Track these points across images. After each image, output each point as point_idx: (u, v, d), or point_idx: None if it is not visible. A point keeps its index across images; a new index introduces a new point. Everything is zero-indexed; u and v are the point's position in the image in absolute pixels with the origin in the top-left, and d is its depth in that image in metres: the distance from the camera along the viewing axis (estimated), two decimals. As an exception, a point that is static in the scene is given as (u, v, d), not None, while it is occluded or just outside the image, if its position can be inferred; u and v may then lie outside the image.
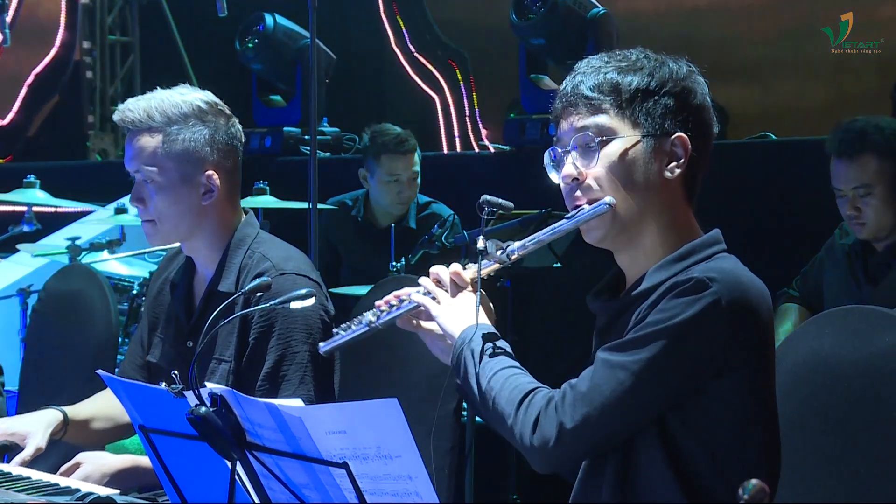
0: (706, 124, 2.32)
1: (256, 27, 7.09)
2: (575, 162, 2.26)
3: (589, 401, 2.14)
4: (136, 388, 2.31)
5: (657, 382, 2.14)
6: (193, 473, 2.26)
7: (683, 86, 2.27)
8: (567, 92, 2.29)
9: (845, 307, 2.61)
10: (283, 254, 3.04)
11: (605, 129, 2.25)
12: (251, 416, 2.05)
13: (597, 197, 2.24)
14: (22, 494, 2.61)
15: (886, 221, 3.83)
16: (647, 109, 2.25)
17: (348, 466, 1.94)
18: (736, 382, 2.15)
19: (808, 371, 2.51)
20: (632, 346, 2.15)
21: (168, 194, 2.99)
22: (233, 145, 3.06)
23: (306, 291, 2.45)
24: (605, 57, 2.30)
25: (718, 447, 2.16)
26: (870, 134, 3.84)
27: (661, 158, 2.25)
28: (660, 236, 2.26)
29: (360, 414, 1.95)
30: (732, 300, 2.12)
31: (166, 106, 2.99)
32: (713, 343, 2.12)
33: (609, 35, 6.15)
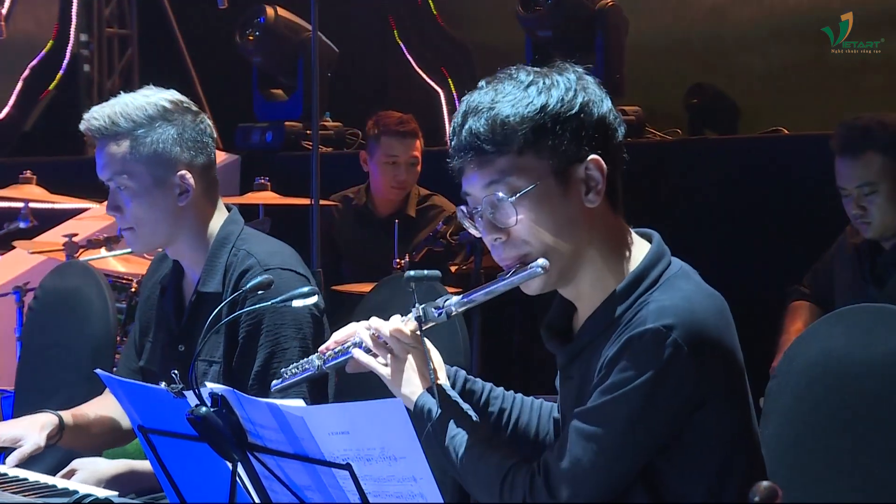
0: (612, 130, 2.23)
1: (257, 19, 7.09)
2: (492, 220, 2.20)
3: (572, 477, 2.13)
4: (136, 387, 2.31)
5: (636, 443, 2.13)
6: (194, 475, 2.27)
7: (580, 103, 2.18)
8: (462, 145, 2.19)
9: (858, 305, 2.61)
10: (269, 249, 3.03)
11: (513, 183, 2.16)
12: (252, 416, 2.05)
13: (525, 252, 2.19)
14: (19, 496, 2.62)
15: (892, 219, 3.83)
16: (552, 144, 2.16)
17: (352, 468, 1.95)
18: (712, 410, 2.14)
19: (820, 370, 2.51)
20: (603, 413, 2.12)
21: (143, 199, 2.98)
22: (203, 142, 3.05)
23: (308, 289, 2.45)
24: (490, 92, 2.19)
25: (707, 475, 2.16)
26: (873, 131, 3.84)
27: (579, 189, 2.19)
28: (600, 268, 2.22)
29: (363, 414, 1.96)
30: (693, 342, 2.09)
31: (130, 110, 2.98)
32: (684, 388, 2.11)
33: (617, 27, 6.15)
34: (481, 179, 2.19)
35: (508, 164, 2.16)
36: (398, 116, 5.63)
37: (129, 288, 4.82)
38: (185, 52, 8.48)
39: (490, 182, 2.18)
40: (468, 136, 2.17)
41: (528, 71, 2.22)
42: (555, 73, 2.21)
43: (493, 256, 2.26)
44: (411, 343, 2.28)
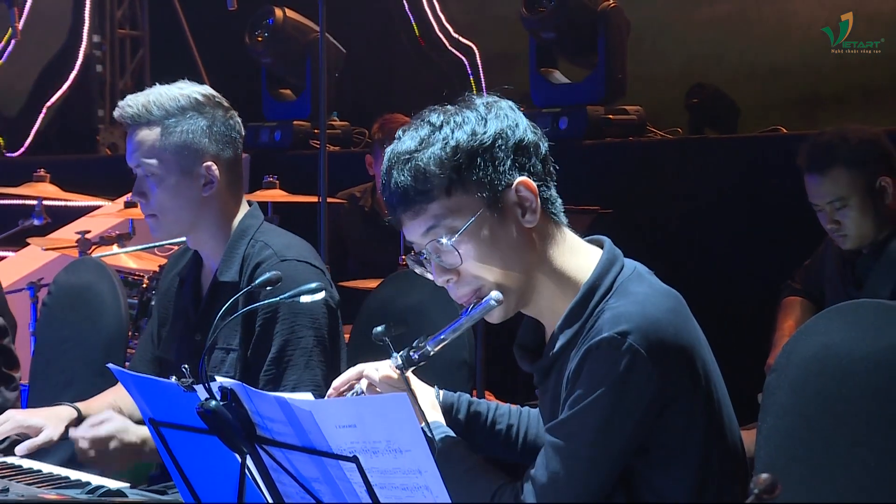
0: (533, 148, 2.22)
1: (266, 21, 7.10)
2: (439, 262, 2.21)
3: (553, 491, 2.14)
4: (147, 381, 2.31)
5: (607, 449, 2.13)
6: (203, 467, 2.27)
7: (493, 132, 2.18)
8: (393, 199, 2.21)
9: (855, 301, 2.60)
10: (285, 241, 3.06)
11: (449, 224, 2.17)
12: (261, 409, 2.05)
13: (478, 287, 2.21)
14: (34, 487, 2.62)
15: (867, 229, 3.82)
16: (476, 179, 2.17)
17: (358, 460, 1.95)
18: (680, 409, 2.15)
19: (818, 365, 2.50)
20: (572, 424, 2.13)
21: (168, 186, 3.01)
22: (231, 136, 3.08)
23: (316, 285, 2.45)
24: (408, 141, 2.20)
25: (686, 472, 2.16)
26: (836, 147, 3.82)
27: (514, 213, 2.20)
28: (554, 283, 2.23)
29: (369, 408, 1.96)
30: (650, 345, 2.09)
31: (164, 100, 3.01)
32: (647, 392, 2.11)
33: (618, 28, 6.15)
34: (419, 228, 2.21)
35: (440, 208, 2.18)
36: (403, 122, 5.62)
37: (141, 284, 4.82)
38: (196, 53, 8.48)
39: (428, 229, 2.20)
40: (396, 190, 2.20)
41: (438, 112, 2.23)
42: (465, 109, 2.21)
43: (452, 296, 2.27)
44: (400, 387, 2.30)
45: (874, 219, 3.81)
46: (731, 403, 2.29)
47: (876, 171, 3.80)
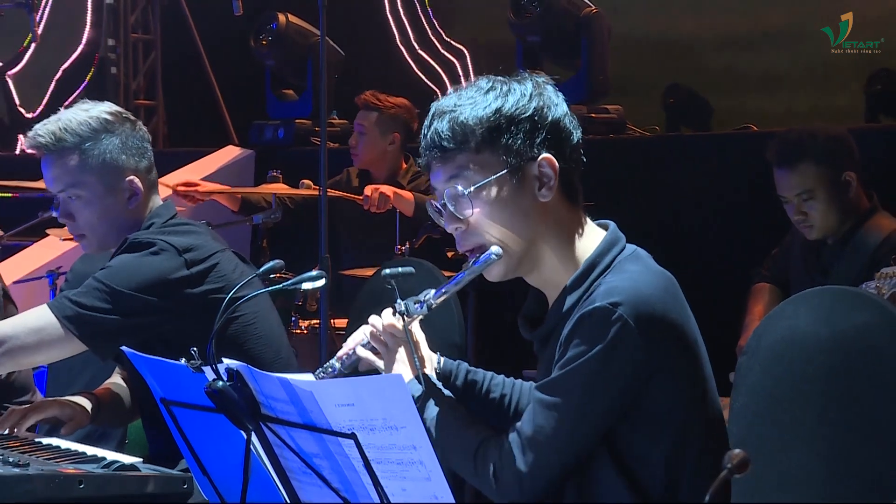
0: (566, 133, 2.26)
1: (270, 25, 7.08)
2: (453, 211, 2.24)
3: (537, 444, 2.15)
4: (158, 363, 2.31)
5: (593, 410, 2.14)
6: (211, 443, 2.27)
7: (534, 107, 2.22)
8: (427, 144, 2.25)
9: (821, 287, 2.61)
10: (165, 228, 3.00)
11: (471, 177, 2.21)
12: (265, 389, 2.05)
13: (482, 242, 2.23)
14: (52, 462, 2.62)
15: (832, 221, 3.83)
16: (506, 143, 2.20)
17: (356, 437, 1.95)
18: (664, 380, 2.15)
19: (785, 347, 2.51)
20: (560, 383, 2.14)
21: (96, 207, 3.00)
22: (143, 147, 3.05)
23: (316, 273, 2.45)
24: (454, 97, 2.25)
25: (667, 442, 2.17)
26: (805, 142, 3.84)
27: (533, 185, 2.22)
28: (558, 256, 2.25)
29: (367, 388, 1.95)
30: (639, 317, 2.11)
31: (74, 125, 2.97)
32: (633, 360, 2.12)
33: (601, 33, 6.15)
34: (444, 174, 2.24)
35: (467, 160, 2.21)
36: (372, 93, 5.67)
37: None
38: (204, 56, 8.46)
39: (451, 176, 2.23)
40: (433, 136, 2.23)
41: (489, 79, 2.26)
42: (514, 82, 2.25)
43: (457, 246, 2.29)
44: (402, 337, 2.31)
45: (838, 211, 3.82)
46: (715, 382, 2.29)
47: (841, 167, 3.81)
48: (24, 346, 2.84)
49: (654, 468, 2.16)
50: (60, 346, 2.87)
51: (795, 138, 3.88)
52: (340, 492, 2.06)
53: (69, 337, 2.85)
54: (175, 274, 2.90)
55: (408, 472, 1.94)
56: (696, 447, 2.18)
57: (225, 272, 2.96)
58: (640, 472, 2.17)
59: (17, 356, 2.86)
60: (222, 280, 2.93)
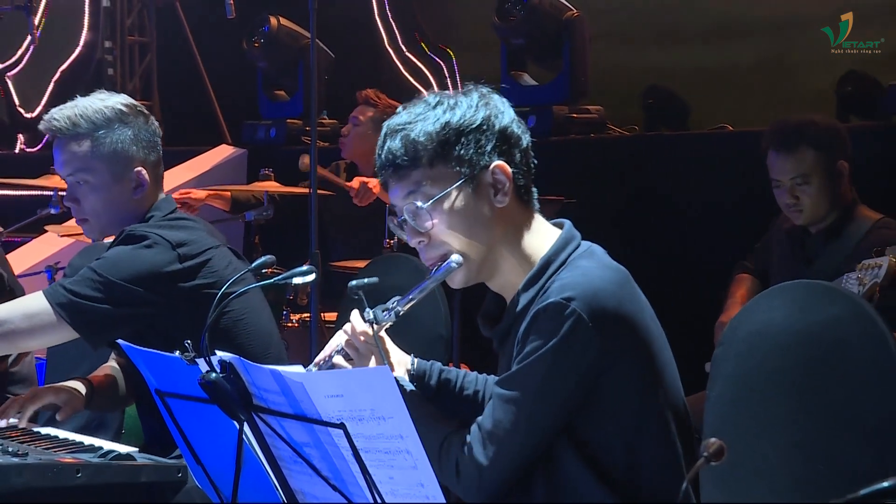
0: (515, 138, 2.26)
1: (262, 28, 7.08)
2: (413, 225, 2.24)
3: (496, 437, 2.16)
4: (153, 355, 2.30)
5: (549, 402, 2.15)
6: (205, 433, 2.26)
7: (482, 117, 2.22)
8: (382, 163, 2.25)
9: (795, 281, 2.61)
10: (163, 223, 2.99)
11: (427, 191, 2.21)
12: (257, 381, 2.05)
13: (445, 252, 2.23)
14: (50, 451, 2.61)
15: (822, 208, 3.84)
16: (458, 155, 2.20)
17: (345, 427, 1.95)
18: (620, 372, 2.16)
19: (760, 339, 2.51)
20: (517, 378, 2.15)
21: (102, 193, 2.99)
22: (154, 141, 3.06)
23: (307, 268, 2.45)
24: (405, 115, 2.24)
25: (626, 430, 2.18)
26: (807, 128, 3.86)
27: (487, 192, 2.22)
28: (516, 259, 2.25)
29: (356, 380, 1.96)
30: (592, 311, 2.11)
31: (90, 112, 2.97)
32: (587, 354, 2.13)
33: (582, 36, 6.16)
34: (401, 190, 2.24)
35: (421, 175, 2.22)
36: (375, 91, 5.67)
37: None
38: (198, 58, 8.44)
39: (408, 193, 2.23)
40: (387, 155, 2.23)
41: (437, 94, 2.26)
42: (460, 95, 2.25)
43: (421, 258, 2.29)
44: (372, 343, 2.32)
45: (829, 199, 3.83)
46: (677, 372, 2.30)
47: (837, 155, 3.83)
48: (18, 331, 2.84)
49: (616, 454, 2.18)
50: (53, 333, 2.87)
51: (796, 124, 3.89)
52: (330, 480, 2.06)
53: (61, 324, 2.85)
54: (167, 268, 2.89)
55: (395, 460, 1.94)
56: (654, 432, 2.20)
57: (217, 268, 2.95)
58: (603, 459, 2.18)
59: (10, 340, 2.86)
60: (214, 276, 2.93)
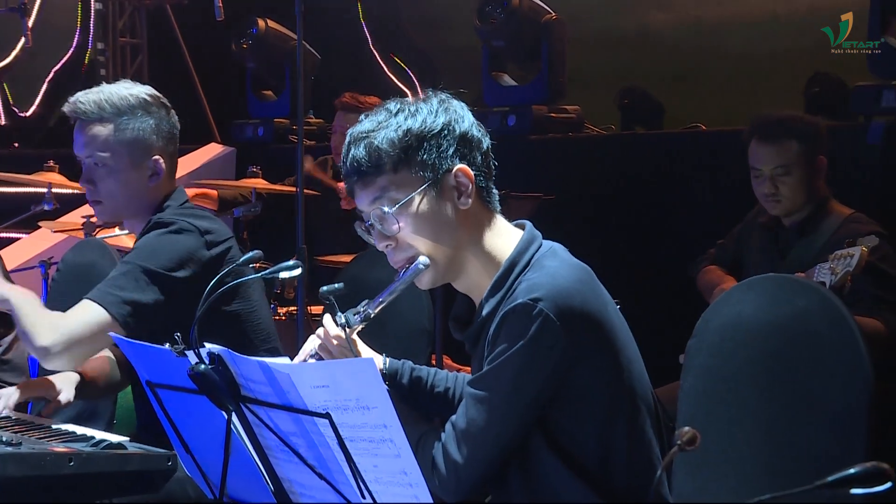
0: (476, 142, 2.25)
1: (250, 30, 7.07)
2: (381, 229, 2.23)
3: (470, 436, 2.15)
4: (144, 348, 2.29)
5: (520, 400, 2.14)
6: (194, 423, 2.25)
7: (442, 122, 2.21)
8: (347, 171, 2.24)
9: (765, 275, 2.61)
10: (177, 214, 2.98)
11: (393, 196, 2.20)
12: (245, 372, 2.04)
13: (412, 255, 2.23)
14: (44, 441, 2.59)
15: (799, 200, 3.85)
16: (421, 160, 2.19)
17: (331, 416, 1.94)
18: (588, 366, 2.16)
19: (732, 330, 2.52)
20: (489, 378, 2.15)
21: (119, 177, 2.98)
22: (173, 133, 3.06)
23: (293, 263, 2.44)
24: (367, 123, 2.24)
25: (598, 423, 2.18)
26: (791, 121, 3.88)
27: (451, 195, 2.22)
28: (480, 260, 2.25)
29: (341, 371, 1.95)
30: (559, 310, 2.11)
31: (115, 99, 2.97)
32: (555, 351, 2.12)
33: (560, 38, 6.17)
34: (367, 197, 2.24)
35: (386, 181, 2.21)
36: (351, 95, 5.61)
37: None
38: (188, 59, 8.42)
39: (374, 199, 2.23)
40: (352, 163, 2.23)
41: (398, 102, 2.25)
42: (420, 102, 2.24)
43: (389, 261, 2.28)
44: (345, 345, 2.31)
45: (806, 191, 3.84)
46: (643, 364, 2.30)
47: (817, 151, 3.84)
48: (81, 341, 2.79)
49: (587, 445, 2.18)
50: (107, 337, 2.82)
51: (781, 117, 3.91)
52: (316, 468, 2.05)
53: (115, 326, 2.80)
54: (198, 253, 2.89)
55: (379, 449, 1.93)
56: (625, 424, 2.20)
57: (235, 258, 2.94)
58: (575, 450, 2.18)
59: (76, 353, 2.81)
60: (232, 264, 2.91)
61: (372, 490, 1.98)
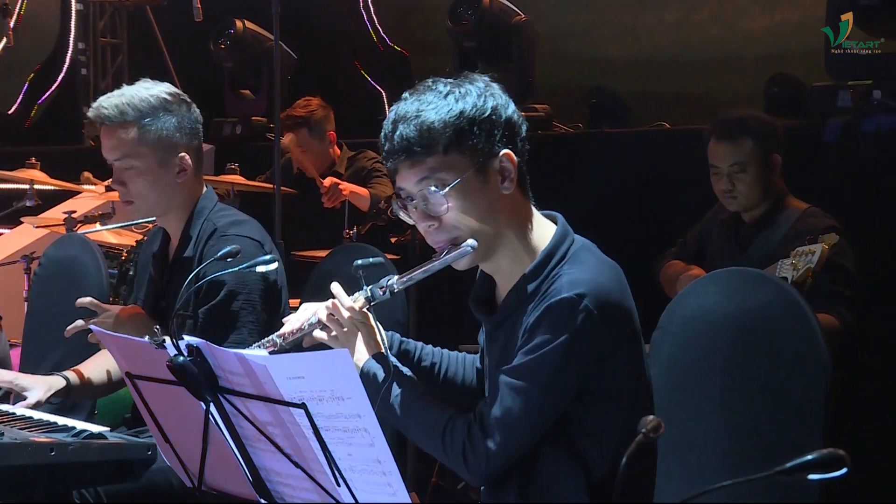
0: (517, 128, 2.23)
1: (228, 31, 7.04)
2: (425, 209, 2.18)
3: (505, 425, 2.12)
4: (123, 340, 2.28)
5: (558, 392, 2.12)
6: (173, 413, 2.24)
7: (490, 106, 2.17)
8: (395, 149, 2.17)
9: (727, 269, 2.63)
10: (230, 220, 3.01)
11: (442, 177, 2.15)
12: (222, 364, 2.03)
13: (456, 236, 2.18)
14: (25, 432, 2.58)
15: (755, 196, 3.87)
16: (472, 143, 2.15)
17: (306, 407, 1.94)
18: (618, 360, 2.15)
19: (695, 322, 2.53)
20: (529, 369, 2.11)
21: (148, 177, 2.97)
22: (196, 128, 3.05)
23: (269, 258, 2.43)
24: (415, 103, 2.17)
25: (616, 415, 2.15)
26: (749, 121, 3.91)
27: (496, 179, 2.18)
28: (518, 246, 2.21)
29: (316, 362, 1.94)
30: (601, 306, 2.10)
31: (136, 101, 2.96)
32: (594, 345, 2.11)
33: (530, 39, 6.18)
34: (414, 177, 2.17)
35: (436, 162, 2.15)
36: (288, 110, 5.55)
37: (120, 256, 4.74)
38: (168, 58, 8.38)
39: (422, 178, 2.17)
40: (400, 141, 2.16)
41: (444, 82, 2.20)
42: (466, 83, 2.19)
43: (427, 241, 2.23)
44: (360, 319, 2.26)
45: (762, 188, 3.86)
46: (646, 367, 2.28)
47: (772, 149, 3.87)
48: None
49: (604, 441, 2.14)
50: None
51: (738, 116, 3.94)
52: (292, 457, 2.05)
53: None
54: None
55: (353, 438, 1.93)
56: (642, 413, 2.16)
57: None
58: (589, 448, 2.15)
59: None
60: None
61: (347, 478, 1.98)
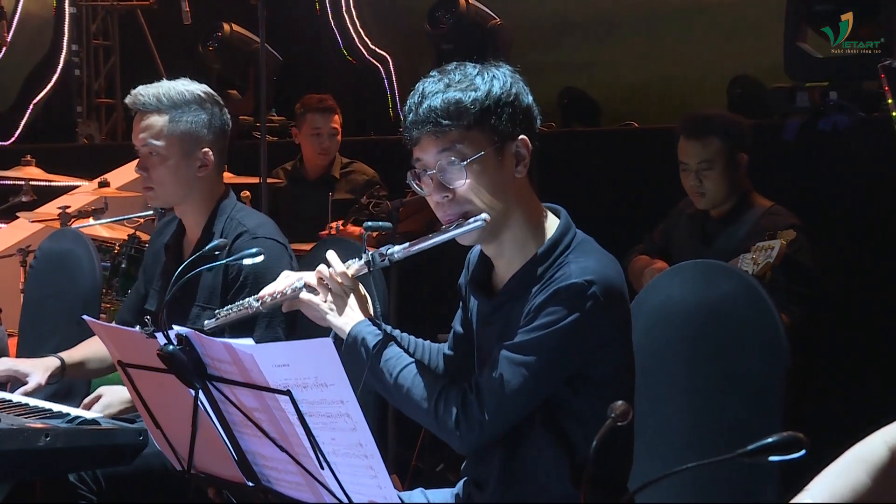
0: (534, 118, 2.23)
1: (215, 33, 7.03)
2: (441, 180, 2.16)
3: (501, 395, 2.10)
4: (115, 330, 2.26)
5: (556, 370, 2.12)
6: (163, 400, 2.23)
7: (515, 92, 2.17)
8: (420, 119, 2.14)
9: (692, 261, 2.64)
10: (257, 221, 3.02)
11: (462, 151, 2.13)
12: (210, 352, 2.02)
13: (469, 210, 2.15)
14: (21, 418, 2.57)
15: (721, 193, 3.88)
16: (494, 123, 2.14)
17: (291, 393, 1.93)
18: (613, 346, 2.15)
19: (663, 312, 2.54)
20: (533, 345, 2.10)
21: (170, 165, 2.97)
22: (224, 129, 3.06)
23: (255, 251, 2.42)
24: (443, 80, 2.16)
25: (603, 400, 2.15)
26: (715, 120, 3.91)
27: (511, 161, 2.17)
28: (523, 230, 2.20)
29: (301, 350, 1.93)
30: (607, 294, 2.10)
31: (173, 93, 2.97)
32: (597, 330, 2.11)
33: (504, 41, 6.19)
34: (435, 148, 2.15)
35: (459, 136, 2.13)
36: (318, 96, 5.57)
37: (112, 250, 4.72)
38: (158, 60, 8.35)
39: (443, 149, 2.14)
40: (426, 112, 2.13)
41: (472, 65, 2.19)
42: (493, 68, 2.19)
43: (437, 214, 2.20)
44: (351, 285, 2.24)
45: (728, 185, 3.87)
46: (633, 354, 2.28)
47: (738, 147, 3.87)
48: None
49: (590, 425, 2.12)
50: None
51: (706, 115, 3.94)
52: (277, 441, 2.04)
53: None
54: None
55: (336, 423, 1.92)
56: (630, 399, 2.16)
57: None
58: (575, 431, 2.14)
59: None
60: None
61: (330, 461, 1.97)
